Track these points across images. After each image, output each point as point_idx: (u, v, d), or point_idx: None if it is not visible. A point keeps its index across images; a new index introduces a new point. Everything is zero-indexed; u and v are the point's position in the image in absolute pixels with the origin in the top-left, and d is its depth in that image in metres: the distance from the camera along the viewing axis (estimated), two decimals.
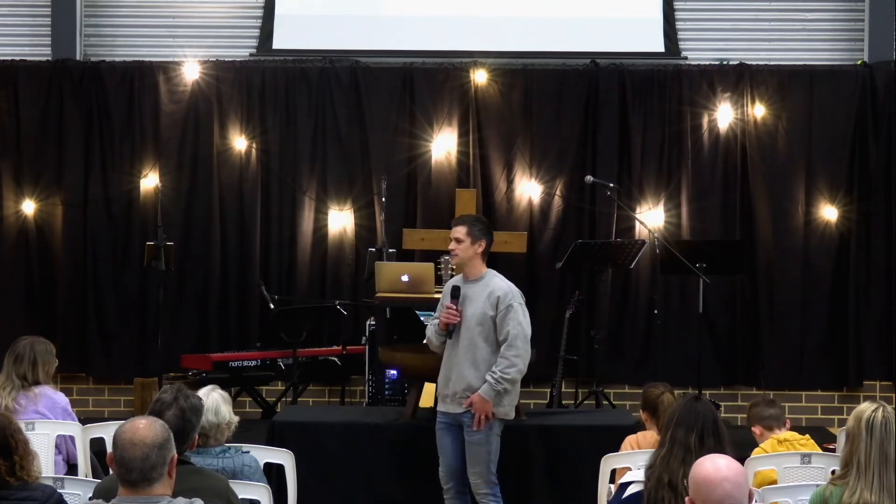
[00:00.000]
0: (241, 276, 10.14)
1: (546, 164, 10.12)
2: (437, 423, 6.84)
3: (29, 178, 10.15)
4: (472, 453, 6.73)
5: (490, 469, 6.73)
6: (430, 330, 6.88)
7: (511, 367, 6.62)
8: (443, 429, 6.82)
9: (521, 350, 6.66)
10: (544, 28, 10.36)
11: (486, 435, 6.68)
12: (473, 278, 6.78)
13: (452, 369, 6.74)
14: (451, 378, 6.74)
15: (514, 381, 6.68)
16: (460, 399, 6.70)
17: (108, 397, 10.18)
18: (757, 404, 6.47)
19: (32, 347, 6.63)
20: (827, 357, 10.06)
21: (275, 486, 5.70)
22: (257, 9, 10.45)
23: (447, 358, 6.79)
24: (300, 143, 10.18)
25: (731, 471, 3.69)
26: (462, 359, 6.70)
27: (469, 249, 6.75)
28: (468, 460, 6.75)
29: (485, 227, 6.86)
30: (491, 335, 6.68)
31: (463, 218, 7.01)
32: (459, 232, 6.78)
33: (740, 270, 9.82)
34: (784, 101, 10.08)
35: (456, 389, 6.71)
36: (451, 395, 6.74)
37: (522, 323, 6.70)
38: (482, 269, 6.81)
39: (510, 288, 6.76)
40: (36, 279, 10.18)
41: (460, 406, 6.70)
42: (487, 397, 6.61)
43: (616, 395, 9.94)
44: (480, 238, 6.76)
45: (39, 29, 10.43)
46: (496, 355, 6.66)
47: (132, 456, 3.80)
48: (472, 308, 6.70)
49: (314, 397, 10.01)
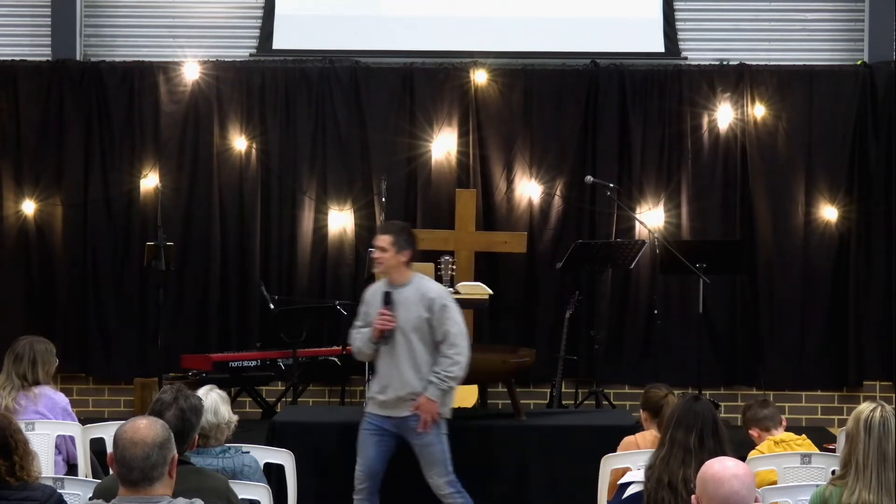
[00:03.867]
0: (241, 276, 10.15)
1: (546, 164, 10.12)
2: (365, 425, 6.86)
3: (29, 178, 10.15)
4: (427, 456, 6.78)
5: (447, 468, 6.79)
6: (359, 340, 6.85)
7: (454, 364, 6.69)
8: (370, 431, 6.84)
9: (462, 348, 6.72)
10: (544, 28, 10.36)
11: (435, 435, 6.75)
12: (400, 283, 6.79)
13: (391, 375, 6.75)
14: (389, 385, 6.76)
15: (457, 378, 6.74)
16: (405, 403, 6.72)
17: (108, 397, 10.18)
18: (750, 407, 6.47)
19: (32, 347, 6.63)
20: (827, 357, 10.06)
21: (275, 486, 5.70)
22: (257, 9, 10.45)
23: (382, 364, 6.80)
24: (300, 144, 10.18)
25: (739, 469, 3.72)
26: (402, 364, 6.72)
27: (393, 259, 6.75)
28: (424, 465, 6.80)
29: (410, 238, 6.83)
30: (427, 337, 6.72)
31: (388, 227, 6.92)
32: (384, 241, 6.75)
33: (740, 270, 9.82)
34: (784, 101, 10.08)
35: (399, 395, 6.73)
36: (393, 400, 6.76)
37: (459, 321, 6.76)
38: (408, 274, 6.82)
39: (440, 288, 6.89)
40: (36, 279, 10.18)
41: (403, 410, 6.73)
42: (434, 398, 6.67)
43: (616, 395, 9.94)
44: (405, 248, 6.76)
45: (39, 29, 10.43)
46: (434, 356, 6.72)
47: (133, 455, 3.80)
48: (405, 312, 6.72)
49: (314, 397, 10.02)
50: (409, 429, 6.76)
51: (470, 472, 7.33)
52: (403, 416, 6.75)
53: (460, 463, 7.09)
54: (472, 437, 7.46)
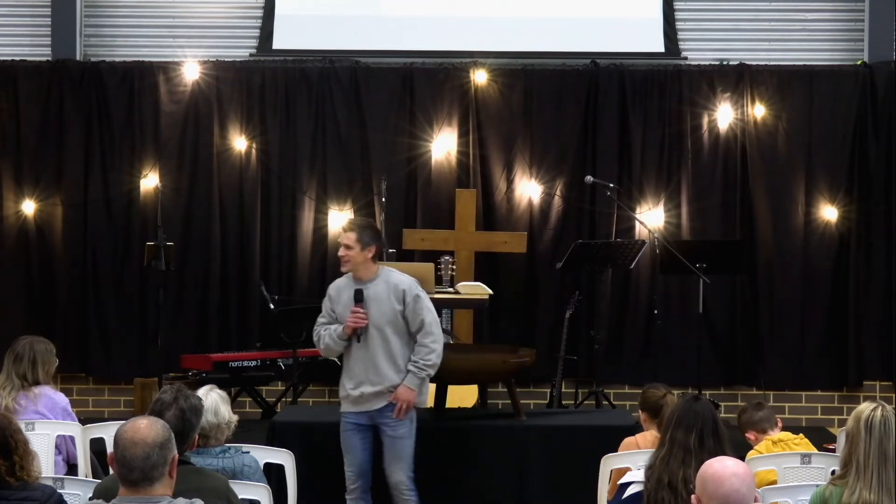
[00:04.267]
0: (241, 276, 10.14)
1: (546, 164, 10.12)
2: (345, 425, 6.86)
3: (29, 178, 10.15)
4: (396, 450, 6.80)
5: (411, 465, 6.83)
6: (327, 337, 6.83)
7: (431, 352, 6.75)
8: (351, 430, 6.84)
9: (437, 336, 6.79)
10: (544, 28, 10.36)
11: (409, 428, 6.80)
12: (368, 279, 6.80)
13: (367, 370, 6.76)
14: (364, 380, 6.76)
15: (435, 366, 6.79)
16: (383, 396, 6.75)
17: (108, 397, 10.18)
18: (745, 410, 6.45)
19: (32, 347, 6.63)
20: (827, 357, 10.06)
21: (275, 486, 5.69)
22: (257, 9, 10.45)
23: (356, 360, 6.79)
24: (300, 143, 10.18)
25: (739, 468, 3.73)
26: (378, 358, 6.75)
27: (359, 255, 6.77)
28: (391, 459, 6.80)
29: (374, 234, 6.89)
30: (401, 328, 6.77)
31: (353, 224, 6.91)
32: (349, 239, 6.76)
33: (740, 270, 9.82)
34: (784, 101, 10.08)
35: (377, 389, 6.76)
36: (369, 395, 6.76)
37: (432, 309, 6.84)
38: (374, 268, 6.84)
39: (409, 279, 6.87)
40: (36, 279, 10.17)
41: (379, 402, 6.75)
42: (413, 387, 6.73)
43: (616, 395, 9.94)
44: (370, 244, 6.77)
45: (39, 29, 10.42)
46: (409, 347, 6.77)
47: (133, 455, 3.80)
48: (377, 306, 6.75)
49: (314, 397, 10.01)
50: (384, 420, 6.79)
51: (470, 472, 7.34)
52: (379, 407, 6.78)
53: (460, 463, 7.09)
54: (472, 437, 7.47)
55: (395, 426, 6.78)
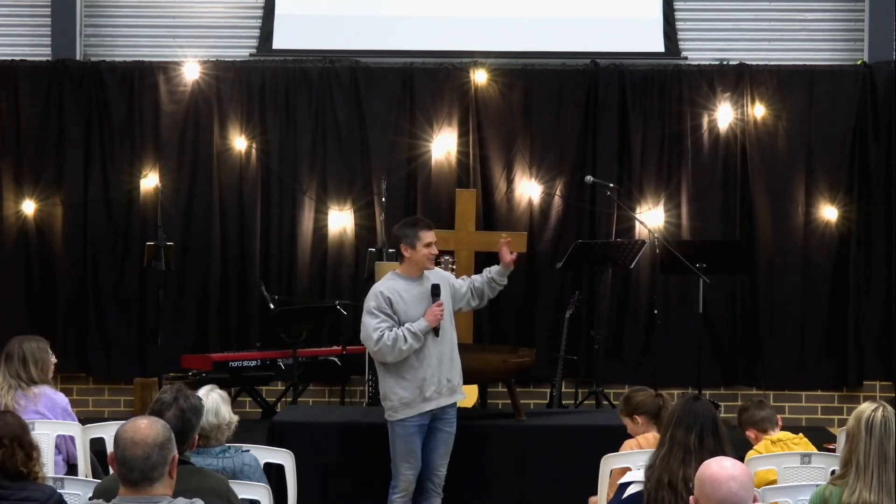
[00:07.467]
0: (241, 276, 10.15)
1: (546, 164, 10.12)
2: (407, 429, 6.70)
3: (29, 178, 10.16)
4: (449, 444, 6.81)
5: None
6: (408, 335, 6.56)
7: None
8: (415, 433, 6.74)
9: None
10: (544, 28, 10.37)
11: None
12: (420, 276, 6.78)
13: (441, 364, 6.71)
14: (440, 375, 6.69)
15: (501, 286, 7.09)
16: (458, 389, 6.78)
17: (108, 397, 10.19)
18: (747, 409, 6.44)
19: (21, 345, 6.60)
20: (827, 357, 10.07)
21: (275, 486, 5.69)
22: (257, 9, 10.45)
23: (430, 356, 6.68)
24: (300, 143, 10.18)
25: (737, 470, 3.71)
26: (454, 349, 6.80)
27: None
28: (443, 453, 6.80)
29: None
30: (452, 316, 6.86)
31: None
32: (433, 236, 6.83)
33: (740, 270, 9.83)
34: (784, 101, 10.08)
35: (457, 382, 6.77)
36: (447, 389, 6.73)
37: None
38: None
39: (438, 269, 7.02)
40: (36, 279, 10.18)
41: (454, 397, 6.77)
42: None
43: (616, 395, 9.90)
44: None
45: (39, 29, 10.43)
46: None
47: (133, 455, 3.80)
48: (445, 300, 6.79)
49: (314, 397, 10.02)
50: (445, 416, 6.75)
51: (470, 472, 7.34)
52: (450, 403, 6.76)
53: (461, 463, 7.09)
54: (472, 437, 7.46)
55: (452, 422, 6.78)
